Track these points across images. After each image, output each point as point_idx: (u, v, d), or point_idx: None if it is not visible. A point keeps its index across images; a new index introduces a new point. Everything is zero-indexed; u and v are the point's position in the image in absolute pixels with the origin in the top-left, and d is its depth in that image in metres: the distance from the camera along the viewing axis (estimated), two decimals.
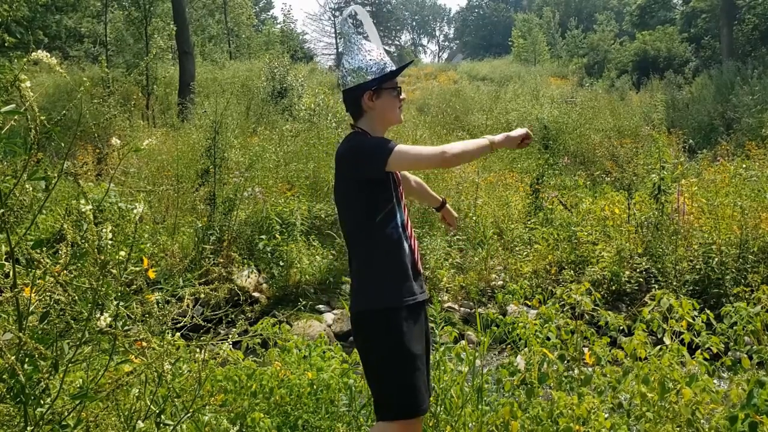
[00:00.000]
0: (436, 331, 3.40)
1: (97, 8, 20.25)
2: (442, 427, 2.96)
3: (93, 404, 1.56)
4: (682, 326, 2.71)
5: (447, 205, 2.84)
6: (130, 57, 17.57)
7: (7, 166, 1.35)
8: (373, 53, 2.40)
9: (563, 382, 2.85)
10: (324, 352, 3.37)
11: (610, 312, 3.00)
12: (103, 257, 1.40)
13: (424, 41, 79.47)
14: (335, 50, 66.11)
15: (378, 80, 2.36)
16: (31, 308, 1.37)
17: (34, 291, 1.36)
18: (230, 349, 2.68)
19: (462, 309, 6.56)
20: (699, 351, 2.67)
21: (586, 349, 2.93)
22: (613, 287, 6.38)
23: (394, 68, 2.40)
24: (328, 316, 6.41)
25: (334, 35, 66.75)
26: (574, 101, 17.61)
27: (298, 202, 7.64)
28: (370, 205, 2.33)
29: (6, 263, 1.37)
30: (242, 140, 10.02)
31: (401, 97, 2.43)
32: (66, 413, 1.44)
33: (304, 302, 6.34)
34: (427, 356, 2.41)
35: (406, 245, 2.34)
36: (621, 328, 2.93)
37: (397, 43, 69.38)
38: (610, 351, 2.91)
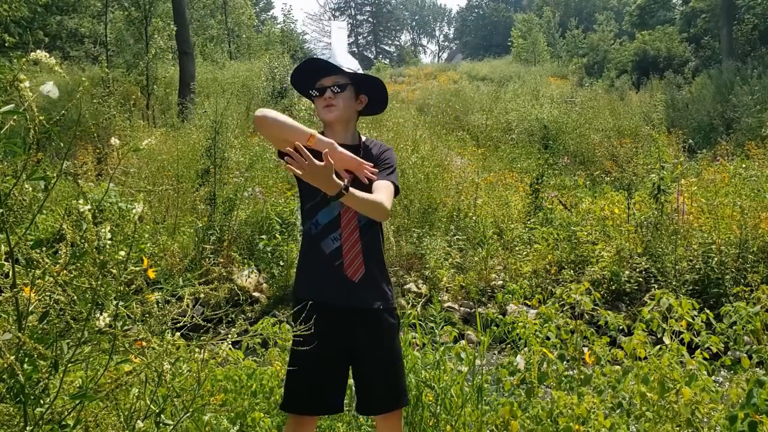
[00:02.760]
0: (436, 330, 3.40)
1: (98, 8, 20.26)
2: (442, 427, 2.96)
3: (93, 404, 1.56)
4: (681, 326, 2.71)
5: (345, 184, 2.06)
6: (130, 57, 17.56)
7: (7, 166, 1.35)
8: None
9: (563, 381, 2.85)
10: None
11: (609, 312, 3.00)
12: (102, 257, 1.40)
13: (424, 41, 79.56)
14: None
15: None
16: (30, 308, 1.38)
17: (33, 291, 1.36)
18: (230, 349, 2.68)
19: (462, 309, 6.55)
20: (699, 351, 2.67)
21: (585, 349, 2.93)
22: (613, 287, 6.38)
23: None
24: None
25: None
26: (573, 101, 17.61)
27: (298, 202, 7.63)
28: (300, 196, 2.42)
29: (6, 263, 1.37)
30: (242, 140, 10.02)
31: (316, 95, 2.32)
32: (66, 413, 1.44)
33: None
34: (357, 366, 2.30)
35: (324, 246, 2.25)
36: (621, 327, 2.93)
37: (397, 43, 69.42)
38: (609, 351, 2.91)
